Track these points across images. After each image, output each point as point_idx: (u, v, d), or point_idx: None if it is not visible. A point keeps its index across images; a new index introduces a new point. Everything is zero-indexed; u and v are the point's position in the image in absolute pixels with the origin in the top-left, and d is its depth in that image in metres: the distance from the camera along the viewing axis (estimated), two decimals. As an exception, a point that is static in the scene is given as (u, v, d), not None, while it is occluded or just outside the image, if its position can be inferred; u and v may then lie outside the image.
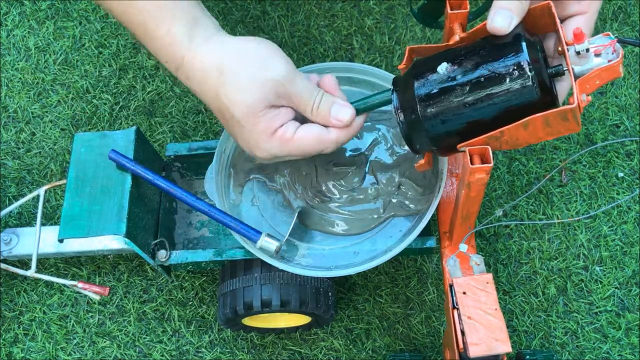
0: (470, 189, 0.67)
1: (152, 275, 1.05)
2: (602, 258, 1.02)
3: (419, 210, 0.84)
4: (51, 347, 1.01)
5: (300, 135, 0.72)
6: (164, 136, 1.13)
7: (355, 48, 1.18)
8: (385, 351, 0.99)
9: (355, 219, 0.85)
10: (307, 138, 0.72)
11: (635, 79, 1.13)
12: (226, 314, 0.88)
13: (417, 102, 0.64)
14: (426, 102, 0.64)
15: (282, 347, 1.00)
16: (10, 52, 1.21)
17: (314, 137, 0.72)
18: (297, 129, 0.72)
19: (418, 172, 0.84)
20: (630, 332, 0.98)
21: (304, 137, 0.72)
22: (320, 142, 0.73)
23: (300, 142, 0.72)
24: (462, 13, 0.71)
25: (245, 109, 0.70)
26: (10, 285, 1.05)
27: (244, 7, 1.22)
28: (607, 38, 0.61)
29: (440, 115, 0.64)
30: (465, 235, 0.79)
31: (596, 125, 1.10)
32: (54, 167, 1.12)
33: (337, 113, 0.73)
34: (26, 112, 1.17)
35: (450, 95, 0.63)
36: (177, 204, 0.97)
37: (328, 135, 0.73)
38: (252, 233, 0.81)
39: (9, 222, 1.08)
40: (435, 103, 0.64)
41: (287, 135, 0.72)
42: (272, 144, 0.72)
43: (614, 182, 1.07)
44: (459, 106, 0.63)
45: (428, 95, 0.64)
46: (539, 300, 1.00)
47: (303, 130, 0.72)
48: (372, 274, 1.03)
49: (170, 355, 1.00)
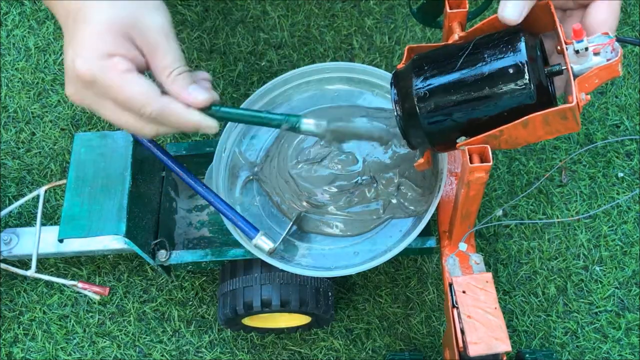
0: (469, 188, 0.67)
1: (152, 275, 1.05)
2: (602, 258, 1.02)
3: (418, 212, 0.84)
4: (51, 347, 1.01)
5: (130, 76, 0.62)
6: (163, 136, 1.13)
7: (355, 48, 1.18)
8: (385, 351, 0.99)
9: (355, 220, 0.85)
10: (136, 83, 0.62)
11: (635, 79, 1.13)
12: (226, 314, 0.88)
13: (414, 97, 0.64)
14: (424, 97, 0.64)
15: (282, 347, 1.00)
16: (10, 52, 1.22)
17: (146, 86, 0.63)
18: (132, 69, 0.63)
19: (417, 173, 0.84)
20: (630, 332, 0.98)
21: (133, 80, 0.62)
22: (148, 96, 0.63)
23: (126, 81, 0.62)
24: (461, 12, 0.71)
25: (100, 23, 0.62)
26: (10, 285, 1.05)
27: (244, 7, 1.22)
28: (605, 37, 0.61)
29: (437, 111, 0.64)
30: (464, 234, 0.79)
31: (596, 125, 1.10)
32: (54, 167, 1.12)
33: (196, 90, 0.65)
34: (26, 112, 1.17)
35: (448, 92, 0.63)
36: (177, 204, 0.98)
37: (160, 97, 0.63)
38: (250, 229, 0.81)
39: (9, 222, 1.08)
40: (433, 99, 0.64)
41: (119, 66, 0.62)
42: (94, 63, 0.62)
43: (614, 182, 1.07)
44: (456, 103, 0.63)
45: (426, 91, 0.64)
46: (539, 300, 1.00)
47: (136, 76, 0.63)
48: (372, 274, 1.03)
49: (170, 355, 1.00)
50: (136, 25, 0.63)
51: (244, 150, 0.92)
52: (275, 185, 0.87)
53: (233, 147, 0.92)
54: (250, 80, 1.17)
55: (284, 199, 0.86)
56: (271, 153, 0.90)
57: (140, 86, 0.63)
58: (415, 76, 0.65)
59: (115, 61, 0.62)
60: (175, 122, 0.65)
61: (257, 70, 1.17)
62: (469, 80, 0.62)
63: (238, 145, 0.92)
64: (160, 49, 0.64)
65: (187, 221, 0.98)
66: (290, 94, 0.93)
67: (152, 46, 0.64)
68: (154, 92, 0.63)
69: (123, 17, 0.63)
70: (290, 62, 1.18)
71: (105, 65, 0.62)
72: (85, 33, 0.62)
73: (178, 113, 0.65)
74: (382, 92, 0.91)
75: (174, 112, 0.64)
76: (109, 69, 0.62)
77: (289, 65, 1.17)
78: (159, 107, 0.63)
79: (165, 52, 0.64)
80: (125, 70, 0.62)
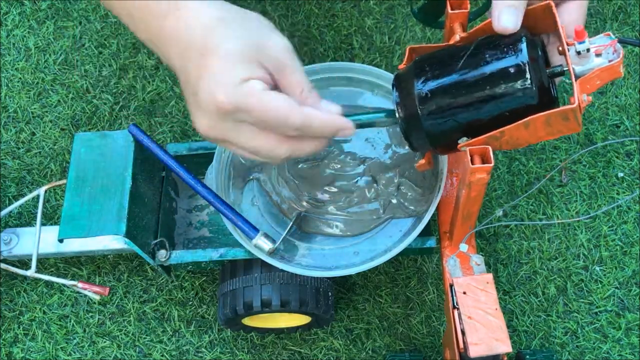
0: (470, 189, 0.67)
1: (152, 275, 1.05)
2: (602, 258, 1.02)
3: (418, 212, 0.84)
4: (51, 347, 1.01)
5: (270, 93, 0.63)
6: (164, 136, 1.13)
7: (355, 48, 1.18)
8: (385, 351, 0.99)
9: (355, 220, 0.85)
10: (278, 99, 0.63)
11: (635, 79, 1.13)
12: (226, 314, 0.88)
13: (416, 99, 0.64)
14: (425, 98, 0.64)
15: (282, 347, 1.00)
16: (10, 52, 1.21)
17: (286, 101, 0.63)
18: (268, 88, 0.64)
19: (417, 173, 0.84)
20: (630, 332, 0.98)
21: (273, 96, 0.63)
22: (291, 106, 0.63)
23: (268, 99, 0.62)
24: (462, 13, 0.71)
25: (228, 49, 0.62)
26: (10, 285, 1.05)
27: (243, 7, 1.22)
28: (607, 38, 0.61)
29: (439, 112, 0.64)
30: (465, 235, 0.79)
31: (596, 125, 1.10)
32: (54, 167, 1.12)
33: (329, 103, 0.67)
34: (26, 112, 1.17)
35: (450, 94, 0.63)
36: (177, 204, 0.98)
37: (301, 109, 0.64)
38: (250, 229, 0.81)
39: (9, 222, 1.08)
40: (434, 100, 0.64)
41: (257, 87, 0.62)
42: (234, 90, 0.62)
43: (614, 182, 1.07)
44: (458, 105, 0.63)
45: (427, 92, 0.64)
46: (539, 300, 1.00)
47: (274, 92, 0.64)
48: (372, 274, 1.03)
49: (170, 355, 1.00)
50: (263, 47, 0.64)
51: (244, 151, 0.91)
52: (275, 185, 0.87)
53: (233, 147, 0.92)
54: (250, 80, 1.16)
55: (284, 199, 0.86)
56: (271, 153, 0.90)
57: (282, 99, 0.63)
58: (416, 77, 0.65)
59: (252, 84, 0.62)
60: (319, 128, 0.65)
61: (257, 70, 1.17)
62: (471, 81, 0.62)
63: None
64: (289, 67, 0.65)
65: (187, 221, 0.98)
66: (291, 94, 0.93)
67: (281, 65, 0.64)
68: (294, 103, 0.64)
69: (250, 43, 0.63)
70: (290, 62, 1.17)
71: (244, 91, 0.62)
72: (218, 64, 0.62)
73: (322, 118, 0.65)
74: (382, 92, 0.91)
75: (318, 117, 0.65)
76: (248, 92, 0.62)
77: (289, 65, 1.17)
78: (303, 116, 0.64)
79: (294, 70, 0.65)
80: (262, 89, 0.63)
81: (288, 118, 0.63)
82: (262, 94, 0.62)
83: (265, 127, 0.64)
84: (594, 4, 1.19)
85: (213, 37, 0.63)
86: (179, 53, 0.65)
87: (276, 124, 0.63)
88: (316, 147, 0.68)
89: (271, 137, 0.65)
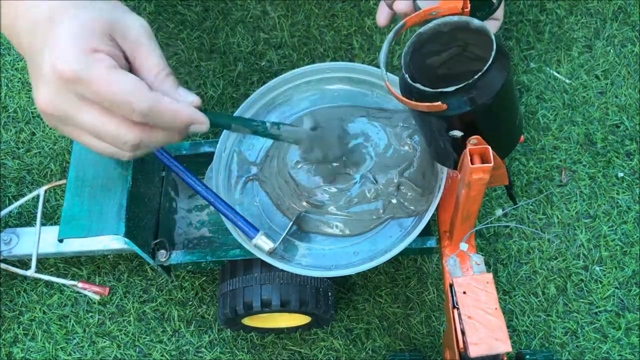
0: (470, 189, 0.67)
1: (152, 275, 1.05)
2: (602, 258, 1.02)
3: (418, 212, 0.84)
4: (51, 347, 1.01)
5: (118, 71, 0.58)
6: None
7: (355, 48, 1.18)
8: (385, 351, 0.99)
9: (355, 220, 0.85)
10: (125, 77, 0.58)
11: (635, 79, 1.13)
12: (226, 314, 0.88)
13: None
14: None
15: (282, 347, 1.00)
16: (10, 52, 1.21)
17: (136, 81, 0.59)
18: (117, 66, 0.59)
19: (417, 173, 0.84)
20: (630, 332, 0.98)
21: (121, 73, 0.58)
22: (139, 90, 0.59)
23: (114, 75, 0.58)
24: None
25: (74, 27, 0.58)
26: (10, 285, 1.05)
27: (244, 7, 1.22)
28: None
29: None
30: (465, 234, 0.79)
31: (596, 125, 1.10)
32: (54, 167, 1.12)
33: (185, 91, 0.63)
34: (26, 112, 1.17)
35: None
36: (177, 204, 0.98)
37: (150, 93, 0.59)
38: (250, 229, 0.81)
39: (9, 222, 1.08)
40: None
41: (105, 62, 0.58)
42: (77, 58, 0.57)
43: (614, 182, 1.07)
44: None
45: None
46: (539, 300, 1.00)
47: (123, 71, 0.59)
48: (372, 274, 1.03)
49: (170, 355, 1.00)
50: (117, 25, 0.60)
51: (244, 150, 0.92)
52: (275, 185, 0.87)
53: (233, 147, 0.92)
54: (250, 80, 1.16)
55: (284, 199, 0.86)
56: (271, 153, 0.90)
57: (130, 81, 0.58)
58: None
59: (99, 56, 0.58)
60: (168, 117, 0.61)
61: (257, 70, 1.17)
62: None
63: (238, 145, 0.92)
64: (145, 49, 0.61)
65: (187, 221, 0.98)
66: (290, 94, 0.93)
67: (136, 45, 0.61)
68: (144, 86, 0.59)
69: (102, 16, 0.60)
70: (290, 62, 1.17)
71: (90, 61, 0.57)
72: (64, 32, 0.58)
73: (172, 107, 0.61)
74: (382, 92, 0.91)
75: (167, 106, 0.60)
76: (94, 64, 0.57)
77: (289, 65, 1.17)
78: (151, 101, 0.59)
79: (150, 52, 0.61)
80: (111, 66, 0.58)
81: (133, 100, 0.58)
82: (109, 70, 0.58)
83: (109, 107, 0.59)
84: (594, 4, 1.19)
85: (62, 11, 0.59)
86: (27, 30, 0.60)
87: (120, 105, 0.58)
88: (168, 138, 0.63)
89: (116, 120, 0.60)
